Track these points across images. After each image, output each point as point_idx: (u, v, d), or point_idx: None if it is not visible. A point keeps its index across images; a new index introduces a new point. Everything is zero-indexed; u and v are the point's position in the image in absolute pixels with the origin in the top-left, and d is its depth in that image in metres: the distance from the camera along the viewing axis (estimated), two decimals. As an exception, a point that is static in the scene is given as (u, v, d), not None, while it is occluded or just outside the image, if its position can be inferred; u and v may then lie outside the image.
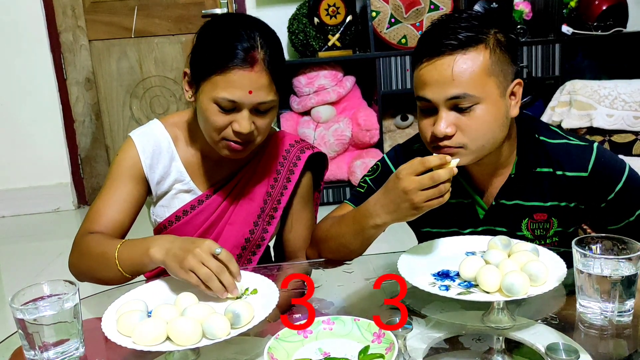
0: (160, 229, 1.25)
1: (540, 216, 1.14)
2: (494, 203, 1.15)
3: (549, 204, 1.13)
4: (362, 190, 1.23)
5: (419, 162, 0.95)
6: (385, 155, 1.25)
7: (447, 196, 0.95)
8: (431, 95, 1.03)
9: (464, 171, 1.16)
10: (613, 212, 1.12)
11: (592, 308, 0.88)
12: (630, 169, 1.11)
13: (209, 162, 1.24)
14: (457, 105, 1.02)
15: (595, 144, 1.12)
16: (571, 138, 1.14)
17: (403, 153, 1.23)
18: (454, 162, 0.96)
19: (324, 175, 1.35)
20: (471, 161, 1.07)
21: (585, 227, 1.40)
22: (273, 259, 1.42)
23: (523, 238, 1.14)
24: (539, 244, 1.09)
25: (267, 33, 1.11)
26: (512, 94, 1.07)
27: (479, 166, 1.12)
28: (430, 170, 0.95)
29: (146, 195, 1.24)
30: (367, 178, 1.24)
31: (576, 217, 1.15)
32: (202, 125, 1.14)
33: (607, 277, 0.85)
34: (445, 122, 1.02)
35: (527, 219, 1.14)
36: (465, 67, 1.00)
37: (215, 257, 0.92)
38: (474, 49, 1.01)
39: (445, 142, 1.04)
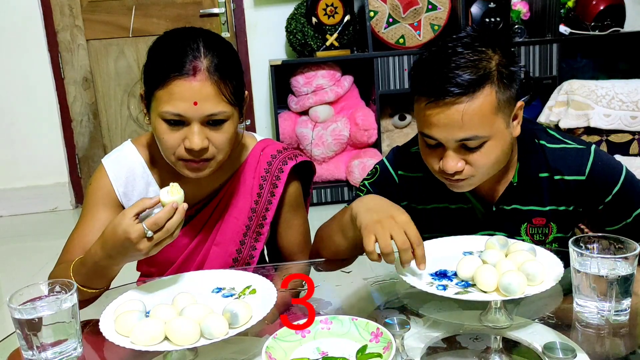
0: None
1: (539, 221, 1.14)
2: (494, 209, 1.15)
3: (547, 208, 1.13)
4: (362, 195, 1.21)
5: (418, 237, 0.93)
6: (384, 159, 1.24)
7: (374, 257, 0.93)
8: (439, 136, 1.00)
9: None
10: (611, 214, 1.12)
11: (589, 307, 0.88)
12: (627, 171, 1.11)
13: (188, 182, 1.14)
14: (466, 145, 1.01)
15: (593, 147, 1.12)
16: (569, 142, 1.13)
17: (402, 155, 1.22)
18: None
19: (311, 182, 1.31)
20: (476, 185, 1.08)
21: (582, 226, 1.40)
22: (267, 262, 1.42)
23: None
24: None
25: (213, 42, 1.05)
26: (514, 117, 1.06)
27: None
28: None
29: None
30: (366, 182, 1.23)
31: (575, 221, 1.16)
32: (159, 147, 1.08)
33: (603, 276, 0.85)
34: (454, 161, 1.01)
35: (526, 224, 1.14)
36: (475, 112, 0.97)
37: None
38: (481, 90, 0.97)
39: (455, 177, 1.04)
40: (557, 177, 1.11)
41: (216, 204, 1.20)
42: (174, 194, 0.92)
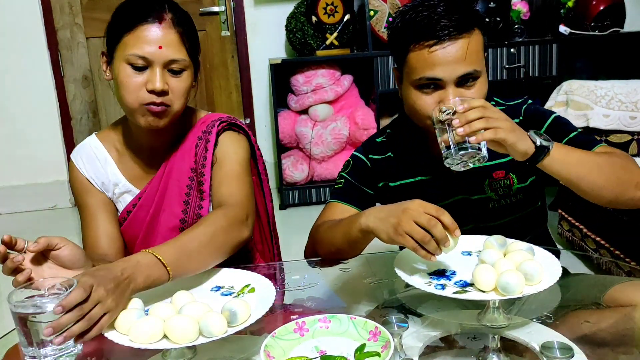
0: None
1: (498, 174, 1.22)
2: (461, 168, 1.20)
3: (503, 160, 1.21)
4: (341, 185, 1.28)
5: (437, 207, 0.94)
6: (354, 152, 1.32)
7: (422, 252, 0.92)
8: (443, 74, 1.08)
9: (427, 149, 1.23)
10: None
11: (449, 160, 1.02)
12: (559, 115, 1.23)
13: (143, 159, 1.25)
14: (463, 81, 1.10)
15: (529, 100, 1.26)
16: (510, 103, 1.27)
17: (369, 144, 1.32)
18: (453, 245, 0.92)
19: (253, 143, 1.30)
20: None
21: (562, 212, 1.42)
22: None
23: (489, 200, 1.21)
24: (505, 204, 1.20)
25: (175, 4, 1.16)
26: None
27: None
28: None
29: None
30: (342, 173, 1.30)
31: (529, 169, 1.22)
32: (120, 96, 1.14)
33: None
34: (454, 97, 1.09)
35: (487, 180, 1.22)
36: (473, 48, 1.09)
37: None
38: (475, 30, 1.10)
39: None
40: None
41: (162, 173, 1.25)
42: None
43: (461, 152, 0.99)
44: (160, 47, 1.10)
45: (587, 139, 1.21)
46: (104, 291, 0.82)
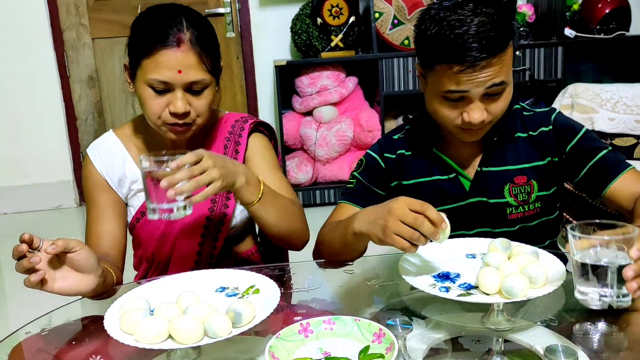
0: (132, 227, 1.29)
1: (520, 179, 1.20)
2: (478, 169, 1.20)
3: (526, 165, 1.20)
4: (353, 185, 1.27)
5: (421, 202, 0.93)
6: (368, 150, 1.30)
7: (412, 250, 0.92)
8: (470, 88, 1.07)
9: (446, 148, 1.22)
10: (576, 158, 1.20)
11: (591, 294, 0.86)
12: (589, 129, 1.22)
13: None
14: (491, 92, 1.08)
15: (558, 109, 1.24)
16: (537, 110, 1.25)
17: (385, 142, 1.30)
18: (443, 237, 0.92)
19: (276, 144, 1.37)
20: (483, 134, 1.15)
21: (567, 216, 1.42)
22: (260, 249, 1.44)
23: (507, 205, 1.19)
24: (522, 211, 1.19)
25: (193, 16, 1.15)
26: None
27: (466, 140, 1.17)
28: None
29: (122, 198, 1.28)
30: (354, 173, 1.29)
31: (553, 176, 1.22)
32: (144, 113, 1.17)
33: (605, 266, 0.85)
34: (480, 112, 1.09)
35: (508, 185, 1.20)
36: (505, 63, 1.07)
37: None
38: (509, 46, 1.08)
39: (478, 126, 1.11)
40: (531, 133, 1.21)
41: None
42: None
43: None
44: (180, 72, 1.09)
45: (617, 159, 1.17)
46: (212, 162, 0.98)
